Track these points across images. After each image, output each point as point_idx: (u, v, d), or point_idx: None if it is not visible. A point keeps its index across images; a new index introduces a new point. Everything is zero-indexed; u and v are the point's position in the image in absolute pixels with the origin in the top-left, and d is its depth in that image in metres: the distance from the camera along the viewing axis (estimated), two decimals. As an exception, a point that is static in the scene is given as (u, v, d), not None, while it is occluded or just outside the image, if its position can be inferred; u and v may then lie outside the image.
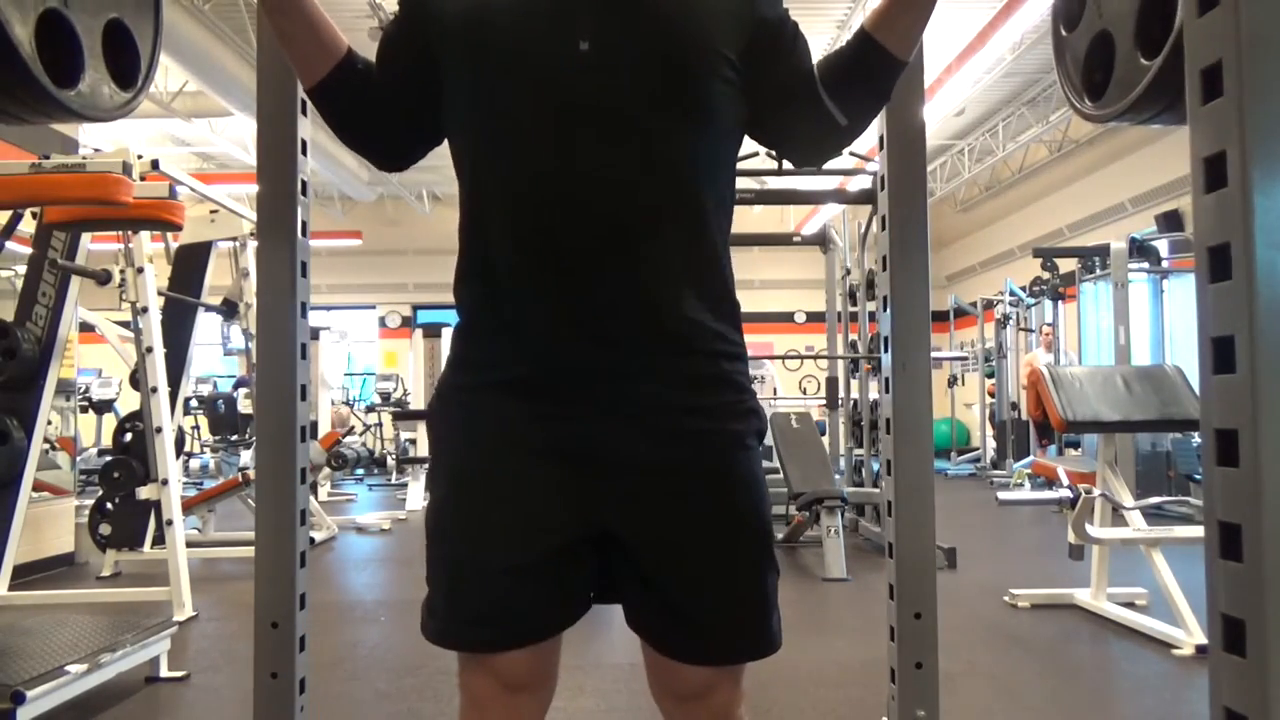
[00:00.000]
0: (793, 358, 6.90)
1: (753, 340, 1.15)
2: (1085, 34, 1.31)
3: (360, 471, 10.25)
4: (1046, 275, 8.97)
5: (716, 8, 1.06)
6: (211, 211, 5.17)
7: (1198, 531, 3.30)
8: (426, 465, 1.12)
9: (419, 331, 9.90)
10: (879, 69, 1.06)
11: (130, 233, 3.85)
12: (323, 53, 1.08)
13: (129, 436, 4.73)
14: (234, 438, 9.08)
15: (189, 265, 5.21)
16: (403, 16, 1.12)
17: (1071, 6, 1.36)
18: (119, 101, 1.29)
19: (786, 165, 5.48)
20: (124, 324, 4.77)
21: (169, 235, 4.94)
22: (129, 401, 6.38)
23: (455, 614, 1.05)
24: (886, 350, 1.49)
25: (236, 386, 9.12)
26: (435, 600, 1.07)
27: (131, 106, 1.32)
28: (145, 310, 3.86)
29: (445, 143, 1.14)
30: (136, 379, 4.19)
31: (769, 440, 5.76)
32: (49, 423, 4.24)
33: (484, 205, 1.06)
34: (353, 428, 10.25)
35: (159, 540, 4.49)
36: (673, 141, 1.03)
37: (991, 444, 10.69)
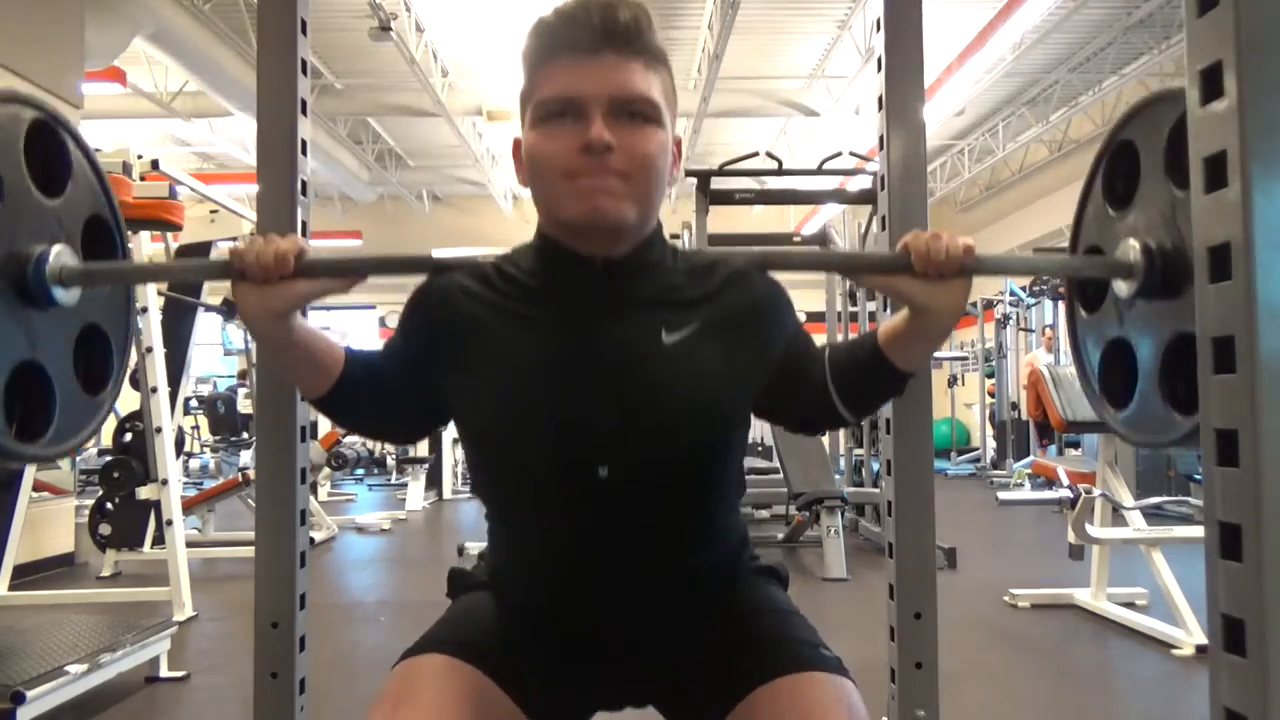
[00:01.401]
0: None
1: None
2: (1102, 330, 1.15)
3: (360, 471, 10.25)
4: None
5: (740, 366, 1.04)
6: (211, 211, 5.18)
7: (1198, 531, 3.31)
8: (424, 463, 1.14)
9: (419, 331, 9.88)
10: (891, 384, 1.08)
11: (130, 233, 3.85)
12: (321, 375, 1.06)
13: (129, 436, 4.73)
14: (234, 438, 9.07)
15: (189, 265, 5.21)
16: (403, 350, 1.08)
17: (1087, 290, 1.19)
18: (86, 416, 1.19)
19: (787, 165, 5.49)
20: (124, 324, 4.76)
21: (169, 235, 4.93)
22: (129, 401, 6.37)
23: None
24: (886, 350, 1.49)
25: (234, 390, 9.12)
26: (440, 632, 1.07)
27: (102, 416, 1.22)
28: (145, 310, 3.86)
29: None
30: (136, 379, 4.19)
31: (769, 440, 5.76)
32: (49, 423, 4.23)
33: (497, 534, 1.12)
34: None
35: (159, 540, 4.49)
36: (692, 521, 1.05)
37: (991, 444, 10.69)
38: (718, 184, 5.20)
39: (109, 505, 4.67)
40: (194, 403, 9.37)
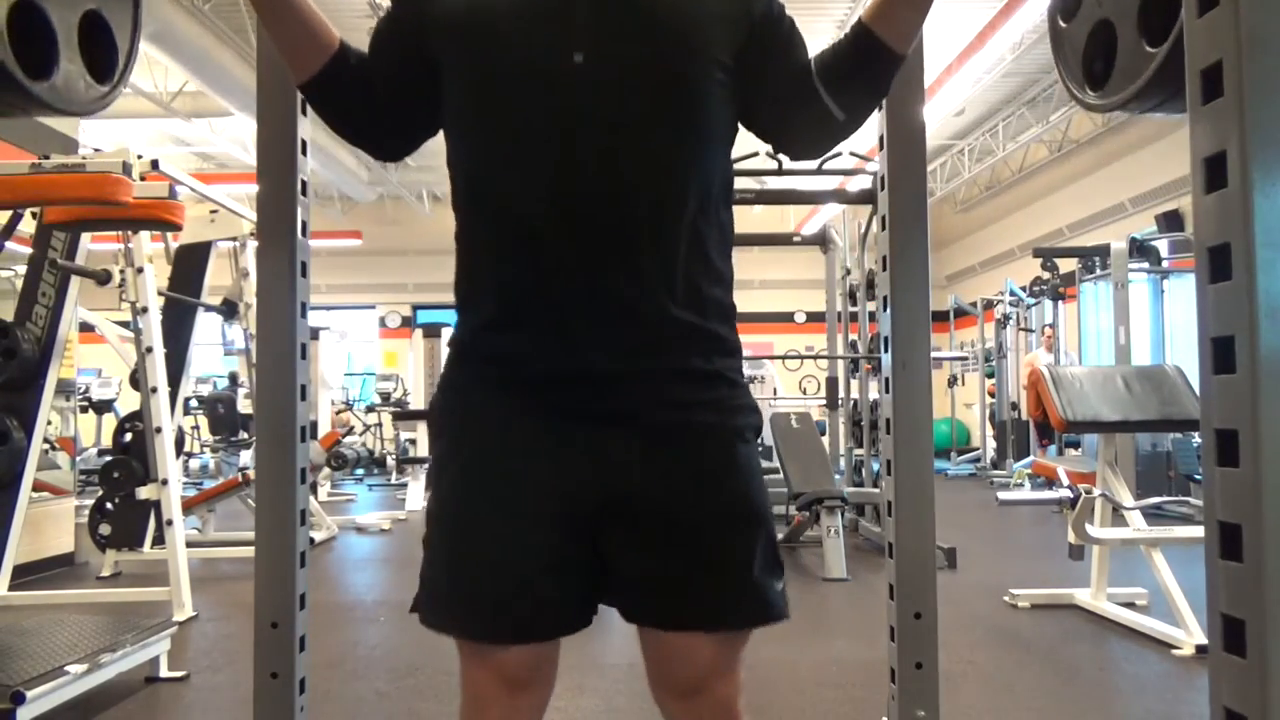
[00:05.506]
0: (793, 358, 6.90)
1: (752, 340, 1.17)
2: (1084, 23, 1.30)
3: (360, 471, 10.25)
4: (1046, 275, 8.97)
5: (711, 11, 1.07)
6: (211, 211, 5.17)
7: (1198, 531, 3.31)
8: (427, 465, 1.15)
9: (419, 331, 9.89)
10: (877, 63, 1.05)
11: (130, 233, 3.85)
12: (315, 49, 1.09)
13: (129, 436, 4.73)
14: (234, 438, 9.07)
15: (189, 265, 5.21)
16: (395, 14, 1.13)
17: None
18: (94, 95, 1.28)
19: (787, 165, 5.48)
20: (124, 324, 4.76)
21: (169, 235, 4.93)
22: (129, 401, 6.37)
23: (460, 601, 1.05)
24: (886, 350, 1.49)
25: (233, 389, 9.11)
26: (438, 583, 1.06)
27: (108, 100, 1.31)
28: (145, 310, 3.86)
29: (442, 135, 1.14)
30: (136, 379, 4.19)
31: (769, 440, 5.76)
32: (49, 423, 4.23)
33: (479, 209, 1.08)
34: (352, 428, 10.24)
35: (159, 540, 4.49)
36: (668, 151, 1.04)
37: (991, 444, 10.68)
38: (718, 184, 5.20)
39: (109, 505, 4.67)
40: (194, 403, 9.37)
